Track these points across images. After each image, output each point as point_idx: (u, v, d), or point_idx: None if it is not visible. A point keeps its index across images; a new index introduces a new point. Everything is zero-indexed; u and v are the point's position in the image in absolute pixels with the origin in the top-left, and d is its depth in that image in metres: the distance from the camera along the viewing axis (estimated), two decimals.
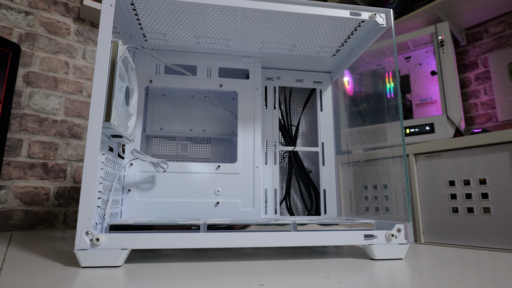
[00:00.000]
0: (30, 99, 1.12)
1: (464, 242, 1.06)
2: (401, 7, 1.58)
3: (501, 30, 1.44)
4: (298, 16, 0.63)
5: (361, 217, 1.28)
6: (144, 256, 0.57)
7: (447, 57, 1.35)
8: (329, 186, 0.84)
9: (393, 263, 0.51)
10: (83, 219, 0.47)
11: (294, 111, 0.92)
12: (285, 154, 0.88)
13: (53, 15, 1.20)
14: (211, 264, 0.50)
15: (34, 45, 1.15)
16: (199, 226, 0.52)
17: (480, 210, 1.03)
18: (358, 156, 1.41)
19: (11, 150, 1.07)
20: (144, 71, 0.77)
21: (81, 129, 1.21)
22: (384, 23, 0.64)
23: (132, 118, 0.66)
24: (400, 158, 1.24)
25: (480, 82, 1.49)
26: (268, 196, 0.81)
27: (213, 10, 0.62)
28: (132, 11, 0.63)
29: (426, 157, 1.17)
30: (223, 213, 0.73)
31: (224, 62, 0.80)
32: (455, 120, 1.28)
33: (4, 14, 1.10)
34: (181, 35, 0.71)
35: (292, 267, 0.48)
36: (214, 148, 0.84)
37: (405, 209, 1.19)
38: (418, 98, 1.48)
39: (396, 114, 1.38)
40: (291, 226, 0.55)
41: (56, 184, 1.14)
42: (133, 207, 0.70)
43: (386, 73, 1.51)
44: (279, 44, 0.75)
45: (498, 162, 1.00)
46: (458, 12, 1.45)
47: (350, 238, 0.54)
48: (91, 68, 1.25)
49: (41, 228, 1.09)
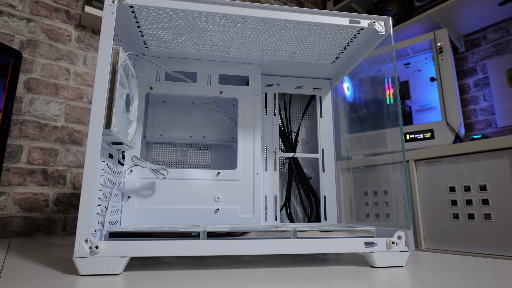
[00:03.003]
0: (31, 105, 1.12)
1: (465, 248, 1.05)
2: (400, 14, 1.60)
3: (500, 37, 1.46)
4: (298, 24, 0.64)
5: (361, 223, 1.27)
6: (143, 263, 0.56)
7: (446, 63, 1.36)
8: (329, 193, 0.84)
9: (394, 270, 0.51)
10: (82, 226, 0.46)
11: (294, 117, 0.92)
12: (285, 160, 0.88)
13: (55, 22, 1.21)
14: (211, 272, 0.50)
15: (35, 52, 1.15)
16: (199, 233, 0.52)
17: (480, 216, 1.03)
18: (358, 162, 1.41)
19: (11, 156, 1.07)
20: (144, 78, 0.77)
21: (81, 135, 1.21)
22: (383, 31, 0.64)
23: (132, 124, 0.67)
24: (400, 164, 1.24)
25: (479, 88, 1.50)
26: (268, 202, 0.81)
27: (213, 17, 0.62)
28: (133, 18, 0.64)
29: (426, 163, 1.17)
30: (223, 220, 0.73)
31: (224, 69, 0.81)
32: (454, 126, 1.28)
33: (6, 21, 1.11)
34: (182, 42, 0.72)
35: (293, 275, 0.48)
36: (214, 154, 0.85)
37: (406, 216, 1.18)
38: (417, 104, 1.49)
39: (395, 120, 1.38)
40: (291, 233, 0.54)
41: (55, 191, 1.13)
42: (133, 214, 0.70)
43: (386, 84, 1.52)
44: (279, 51, 0.75)
45: (498, 168, 1.00)
46: (457, 19, 1.46)
47: (351, 246, 0.53)
48: (91, 74, 1.26)
49: (40, 234, 1.09)
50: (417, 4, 1.52)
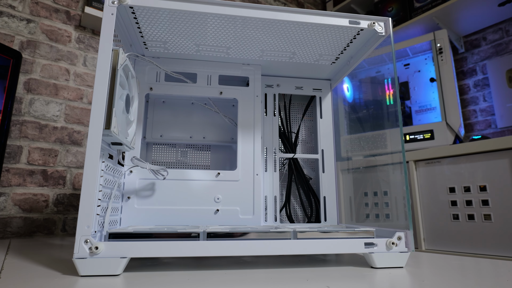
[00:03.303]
0: (31, 106, 1.12)
1: (465, 249, 1.05)
2: (400, 14, 1.60)
3: (499, 38, 1.46)
4: (298, 25, 0.64)
5: (361, 224, 1.27)
6: (143, 264, 0.56)
7: (445, 64, 1.36)
8: (329, 193, 0.84)
9: (394, 271, 0.51)
10: (82, 227, 0.46)
11: (294, 118, 0.92)
12: (285, 161, 0.88)
13: (55, 23, 1.21)
14: (211, 272, 0.50)
15: (35, 53, 1.16)
16: (199, 234, 0.52)
17: (480, 217, 1.03)
18: (358, 162, 1.41)
19: (10, 157, 1.07)
20: (144, 79, 0.77)
21: (81, 135, 1.21)
22: (383, 32, 0.64)
23: (132, 125, 0.67)
24: (400, 164, 1.24)
25: (479, 89, 1.50)
26: (268, 203, 0.81)
27: (213, 18, 0.62)
28: (133, 19, 0.64)
29: (426, 163, 1.17)
30: (223, 220, 0.73)
31: (224, 70, 0.81)
32: (454, 126, 1.28)
33: (6, 22, 1.11)
34: (182, 43, 0.72)
35: (293, 275, 0.48)
36: (214, 155, 0.85)
37: (406, 216, 1.18)
38: (417, 104, 1.49)
39: (395, 120, 1.38)
40: (291, 234, 0.54)
41: (55, 191, 1.13)
42: (133, 214, 0.70)
43: (386, 85, 1.52)
44: (279, 52, 0.75)
45: (498, 168, 1.00)
46: (456, 20, 1.47)
47: (351, 246, 0.53)
48: (91, 75, 1.26)
49: (39, 235, 1.09)
50: (416, 4, 1.53)
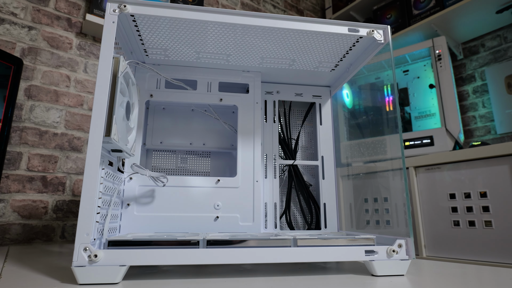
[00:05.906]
0: (31, 112, 1.13)
1: (466, 256, 1.05)
2: (399, 21, 1.61)
3: (497, 44, 1.47)
4: (298, 32, 0.64)
5: (361, 231, 1.27)
6: (142, 272, 0.56)
7: (444, 70, 1.36)
8: (329, 200, 0.83)
9: (395, 279, 0.50)
10: (81, 235, 0.46)
11: (293, 124, 0.92)
12: (285, 167, 0.88)
13: (56, 30, 1.22)
14: (210, 280, 0.50)
15: (36, 59, 1.16)
16: (199, 241, 0.52)
17: (481, 224, 1.02)
18: (358, 169, 1.40)
19: (10, 163, 1.07)
20: (145, 86, 0.77)
21: (81, 142, 1.21)
22: (382, 39, 0.65)
23: (132, 132, 0.67)
24: (400, 171, 1.24)
25: (478, 95, 1.50)
26: (268, 210, 0.81)
27: (213, 26, 0.63)
28: (134, 27, 0.64)
29: (426, 169, 1.17)
30: (223, 227, 0.72)
31: (224, 77, 0.81)
32: (454, 132, 1.28)
33: (7, 29, 1.12)
34: (182, 50, 0.72)
35: (293, 283, 0.48)
36: (214, 161, 0.84)
37: (406, 223, 1.18)
38: (417, 111, 1.49)
39: (395, 126, 1.38)
40: (291, 241, 0.54)
41: (54, 198, 1.13)
42: (132, 221, 0.70)
43: (385, 91, 1.53)
44: (279, 59, 0.76)
45: (498, 175, 1.00)
46: (455, 26, 1.48)
47: (351, 254, 0.53)
48: (92, 81, 1.26)
49: (38, 242, 1.08)
50: (415, 12, 1.54)
